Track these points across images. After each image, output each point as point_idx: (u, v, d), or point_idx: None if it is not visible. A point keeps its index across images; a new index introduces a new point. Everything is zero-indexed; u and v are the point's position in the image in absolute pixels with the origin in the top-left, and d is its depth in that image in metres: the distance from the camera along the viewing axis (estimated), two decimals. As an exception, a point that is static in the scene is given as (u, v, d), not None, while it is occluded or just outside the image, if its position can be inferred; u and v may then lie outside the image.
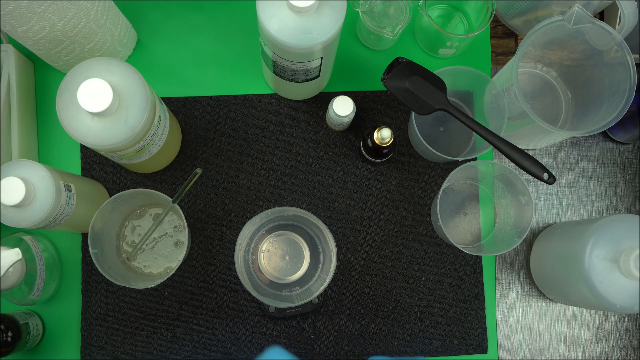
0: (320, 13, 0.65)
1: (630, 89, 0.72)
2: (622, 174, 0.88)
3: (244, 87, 0.88)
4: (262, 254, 0.83)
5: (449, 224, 0.86)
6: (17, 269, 0.72)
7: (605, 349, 0.85)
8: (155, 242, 0.83)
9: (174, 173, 0.86)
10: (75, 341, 0.83)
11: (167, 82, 0.87)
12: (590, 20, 0.72)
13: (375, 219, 0.85)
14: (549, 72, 0.88)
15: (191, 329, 0.83)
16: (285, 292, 0.79)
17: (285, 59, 0.71)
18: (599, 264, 0.69)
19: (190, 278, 0.84)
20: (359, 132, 0.87)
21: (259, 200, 0.85)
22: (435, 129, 0.87)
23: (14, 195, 0.65)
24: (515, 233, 0.79)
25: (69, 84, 0.65)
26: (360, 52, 0.89)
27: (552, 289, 0.82)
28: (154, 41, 0.88)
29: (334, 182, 0.86)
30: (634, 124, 0.83)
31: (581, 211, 0.88)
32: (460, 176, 0.84)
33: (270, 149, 0.86)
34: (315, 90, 0.86)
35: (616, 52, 0.73)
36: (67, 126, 0.66)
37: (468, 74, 0.79)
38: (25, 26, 0.69)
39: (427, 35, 0.86)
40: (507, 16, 0.87)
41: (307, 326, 0.83)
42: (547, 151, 0.88)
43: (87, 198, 0.76)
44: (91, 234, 0.72)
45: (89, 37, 0.76)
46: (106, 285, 0.83)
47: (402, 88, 0.73)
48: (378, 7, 0.81)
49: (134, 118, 0.66)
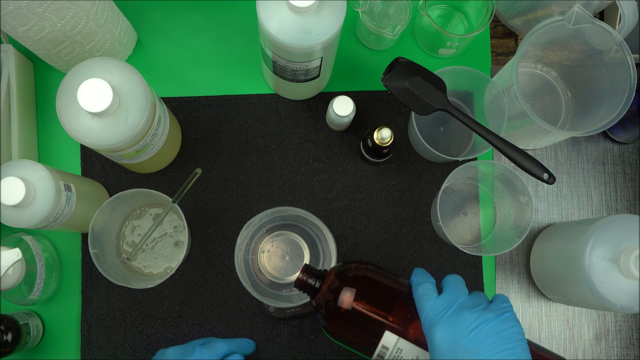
0: (320, 13, 0.65)
1: (630, 89, 0.72)
2: (622, 174, 0.88)
3: (244, 87, 0.88)
4: (262, 254, 0.83)
5: (449, 224, 0.86)
6: (17, 269, 0.72)
7: (605, 349, 0.85)
8: (155, 242, 0.83)
9: (174, 173, 0.86)
10: (75, 341, 0.83)
11: (167, 82, 0.87)
12: (590, 20, 0.72)
13: (375, 219, 0.85)
14: (549, 72, 0.88)
15: (191, 329, 0.83)
16: (285, 292, 0.79)
17: (285, 59, 0.71)
18: (599, 264, 0.69)
19: (190, 278, 0.84)
20: (359, 132, 0.87)
21: (259, 200, 0.85)
22: (435, 129, 0.87)
23: (14, 195, 0.65)
24: (515, 233, 0.79)
25: (69, 84, 0.66)
26: (360, 52, 0.89)
27: (552, 289, 0.82)
28: (154, 41, 0.88)
29: (334, 182, 0.86)
30: (634, 124, 0.83)
31: (581, 211, 0.88)
32: (460, 176, 0.84)
33: (270, 149, 0.86)
34: (315, 90, 0.86)
35: (616, 52, 0.73)
36: (67, 126, 0.66)
37: (468, 74, 0.79)
38: (25, 26, 0.69)
39: (427, 35, 0.86)
40: (507, 16, 0.87)
41: (307, 326, 0.83)
42: (547, 151, 0.88)
43: (87, 198, 0.76)
44: (91, 234, 0.72)
45: (89, 37, 0.76)
46: (106, 285, 0.83)
47: (402, 88, 0.73)
48: (378, 7, 0.81)
49: (134, 118, 0.66)
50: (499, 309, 0.56)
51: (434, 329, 0.55)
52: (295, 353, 0.83)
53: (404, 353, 0.59)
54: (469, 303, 0.56)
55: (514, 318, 0.55)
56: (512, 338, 0.53)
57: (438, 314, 0.56)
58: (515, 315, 0.56)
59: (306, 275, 0.65)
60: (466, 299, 0.57)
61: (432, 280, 0.61)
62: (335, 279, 0.63)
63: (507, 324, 0.54)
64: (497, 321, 0.54)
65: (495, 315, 0.54)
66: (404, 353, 0.59)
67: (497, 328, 0.54)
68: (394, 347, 0.59)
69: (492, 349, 0.53)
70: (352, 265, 0.64)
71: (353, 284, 0.61)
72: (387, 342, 0.59)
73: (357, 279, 0.62)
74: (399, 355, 0.59)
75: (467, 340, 0.53)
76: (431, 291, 0.59)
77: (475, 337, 0.53)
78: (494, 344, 0.53)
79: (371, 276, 0.63)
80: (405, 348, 0.59)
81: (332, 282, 0.62)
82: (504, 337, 0.53)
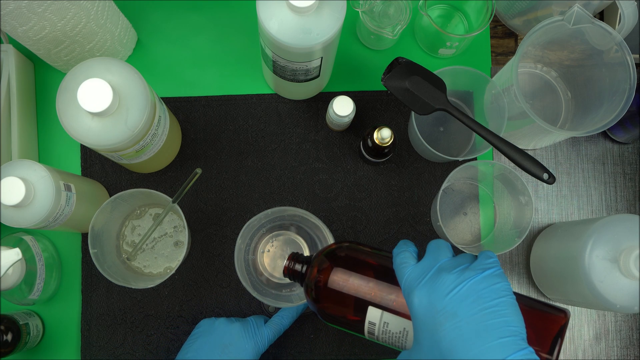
0: (320, 13, 0.65)
1: (630, 89, 0.72)
2: (622, 174, 0.88)
3: (244, 87, 0.88)
4: (262, 254, 0.83)
5: (449, 224, 0.86)
6: (17, 269, 0.72)
7: (605, 349, 0.85)
8: (155, 242, 0.83)
9: (174, 173, 0.86)
10: (75, 341, 0.83)
11: (167, 82, 0.87)
12: (590, 20, 0.72)
13: (375, 219, 0.85)
14: (549, 72, 0.88)
15: (191, 328, 0.83)
16: (285, 292, 0.79)
17: (285, 59, 0.71)
18: (599, 264, 0.69)
19: (190, 278, 0.84)
20: (359, 132, 0.87)
21: (259, 200, 0.85)
22: (435, 129, 0.87)
23: (14, 195, 0.65)
24: (515, 233, 0.79)
25: (69, 84, 0.65)
26: (360, 52, 0.89)
27: (552, 289, 0.82)
28: (154, 41, 0.88)
29: (334, 182, 0.86)
30: (634, 124, 0.83)
31: (581, 211, 0.88)
32: (460, 176, 0.84)
33: (270, 149, 0.86)
34: (315, 90, 0.86)
35: (616, 52, 0.73)
36: (67, 126, 0.66)
37: (468, 74, 0.79)
38: (25, 26, 0.69)
39: (427, 35, 0.86)
40: (507, 16, 0.87)
41: (307, 326, 0.83)
42: (547, 151, 0.88)
43: (87, 198, 0.76)
44: (91, 234, 0.72)
45: (89, 37, 0.76)
46: (106, 285, 0.83)
47: (402, 88, 0.73)
48: (378, 7, 0.81)
49: (134, 118, 0.66)
50: (480, 266, 0.51)
51: (412, 295, 0.52)
52: (295, 353, 0.83)
53: (391, 326, 0.58)
54: (449, 265, 0.52)
55: (499, 274, 0.51)
56: (493, 295, 0.49)
57: (416, 279, 0.52)
58: (500, 271, 0.51)
59: (293, 263, 0.65)
60: (447, 261, 0.53)
61: (413, 249, 0.58)
62: (319, 261, 0.62)
63: (489, 281, 0.50)
64: (478, 279, 0.50)
65: (475, 273, 0.50)
66: (391, 326, 0.58)
67: (477, 286, 0.49)
68: (379, 322, 0.58)
69: (471, 309, 0.48)
70: (334, 246, 0.63)
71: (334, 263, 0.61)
72: (373, 318, 0.58)
73: (338, 258, 0.61)
74: (386, 328, 0.58)
75: (444, 303, 0.49)
76: (409, 258, 0.56)
77: (453, 298, 0.49)
78: (474, 304, 0.49)
79: (351, 254, 0.62)
80: (391, 321, 0.58)
81: (318, 264, 0.62)
82: (483, 295, 0.49)
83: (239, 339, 0.74)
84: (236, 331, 0.75)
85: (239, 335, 0.75)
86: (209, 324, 0.77)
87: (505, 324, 0.48)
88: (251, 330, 0.76)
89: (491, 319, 0.48)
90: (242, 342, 0.74)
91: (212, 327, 0.76)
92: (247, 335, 0.75)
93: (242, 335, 0.75)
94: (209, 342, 0.75)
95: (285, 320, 0.77)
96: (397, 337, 0.58)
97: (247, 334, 0.75)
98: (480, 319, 0.48)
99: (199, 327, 0.77)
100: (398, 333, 0.58)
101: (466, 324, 0.48)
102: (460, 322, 0.48)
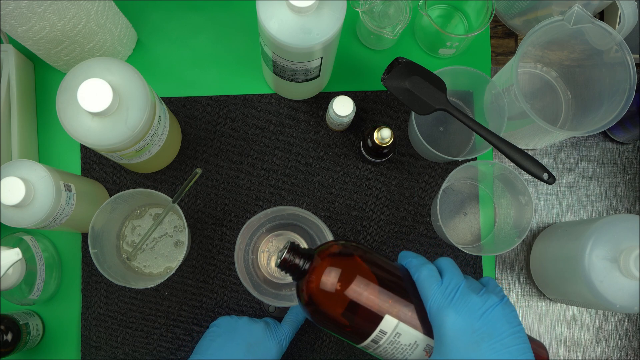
0: (320, 13, 0.65)
1: (630, 89, 0.72)
2: (622, 174, 0.88)
3: (244, 87, 0.88)
4: (262, 254, 0.83)
5: (449, 224, 0.86)
6: (17, 269, 0.72)
7: (605, 349, 0.85)
8: (155, 242, 0.83)
9: (174, 173, 0.86)
10: (75, 341, 0.83)
11: (167, 82, 0.87)
12: (590, 20, 0.72)
13: (375, 219, 0.85)
14: (549, 72, 0.88)
15: (191, 328, 0.83)
16: (285, 292, 0.79)
17: (285, 59, 0.71)
18: (599, 264, 0.69)
19: (190, 278, 0.84)
20: (359, 132, 0.87)
21: (259, 200, 0.85)
22: (435, 129, 0.87)
23: (14, 195, 0.65)
24: (515, 233, 0.79)
25: (69, 84, 0.66)
26: (360, 52, 0.89)
27: (552, 289, 0.82)
28: (154, 41, 0.88)
29: (334, 182, 0.86)
30: (634, 124, 0.83)
31: (581, 211, 0.88)
32: (460, 176, 0.84)
33: (270, 149, 0.86)
34: (315, 90, 0.86)
35: (616, 52, 0.73)
36: (67, 126, 0.66)
37: (468, 74, 0.79)
38: (25, 26, 0.69)
39: (427, 35, 0.86)
40: (507, 16, 0.87)
41: (307, 326, 0.83)
42: (547, 151, 0.88)
43: (87, 198, 0.76)
44: (91, 234, 0.72)
45: (89, 37, 0.76)
46: (106, 285, 0.83)
47: (402, 88, 0.73)
48: (378, 7, 0.81)
49: (134, 118, 0.66)
50: (498, 292, 0.57)
51: (443, 313, 0.55)
52: (296, 353, 0.83)
53: (403, 337, 0.57)
54: (471, 286, 0.57)
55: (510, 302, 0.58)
56: (515, 322, 0.55)
57: (446, 297, 0.56)
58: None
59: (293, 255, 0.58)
60: (466, 282, 0.57)
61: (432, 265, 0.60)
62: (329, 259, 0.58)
63: (510, 308, 0.56)
64: (502, 305, 0.55)
65: (498, 299, 0.56)
66: (403, 337, 0.57)
67: (504, 311, 0.55)
68: (392, 331, 0.56)
69: (503, 331, 0.54)
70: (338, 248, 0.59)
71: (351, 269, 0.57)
72: (386, 327, 0.56)
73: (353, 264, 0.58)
74: (396, 339, 0.57)
75: (479, 324, 0.54)
76: (436, 273, 0.58)
77: (487, 321, 0.54)
78: (504, 327, 0.54)
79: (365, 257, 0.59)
80: (404, 332, 0.57)
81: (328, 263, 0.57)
82: (509, 321, 0.55)
83: (263, 338, 0.74)
84: (260, 330, 0.74)
85: (263, 334, 0.74)
86: (231, 322, 0.75)
87: (528, 349, 0.55)
88: (273, 330, 0.75)
89: (519, 343, 0.54)
90: (267, 342, 0.74)
91: (234, 325, 0.75)
92: (271, 334, 0.74)
93: (266, 335, 0.74)
94: (232, 340, 0.73)
95: (300, 317, 0.77)
96: (403, 349, 0.57)
97: (271, 334, 0.74)
98: (511, 342, 0.54)
99: (219, 326, 0.75)
100: (407, 345, 0.57)
101: (501, 346, 0.54)
102: (495, 343, 0.54)
